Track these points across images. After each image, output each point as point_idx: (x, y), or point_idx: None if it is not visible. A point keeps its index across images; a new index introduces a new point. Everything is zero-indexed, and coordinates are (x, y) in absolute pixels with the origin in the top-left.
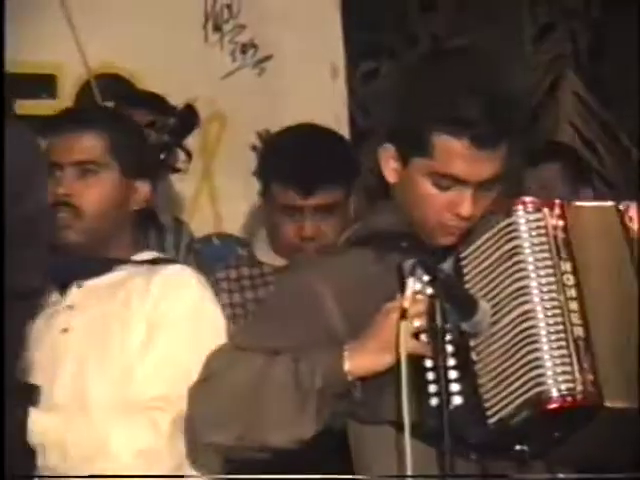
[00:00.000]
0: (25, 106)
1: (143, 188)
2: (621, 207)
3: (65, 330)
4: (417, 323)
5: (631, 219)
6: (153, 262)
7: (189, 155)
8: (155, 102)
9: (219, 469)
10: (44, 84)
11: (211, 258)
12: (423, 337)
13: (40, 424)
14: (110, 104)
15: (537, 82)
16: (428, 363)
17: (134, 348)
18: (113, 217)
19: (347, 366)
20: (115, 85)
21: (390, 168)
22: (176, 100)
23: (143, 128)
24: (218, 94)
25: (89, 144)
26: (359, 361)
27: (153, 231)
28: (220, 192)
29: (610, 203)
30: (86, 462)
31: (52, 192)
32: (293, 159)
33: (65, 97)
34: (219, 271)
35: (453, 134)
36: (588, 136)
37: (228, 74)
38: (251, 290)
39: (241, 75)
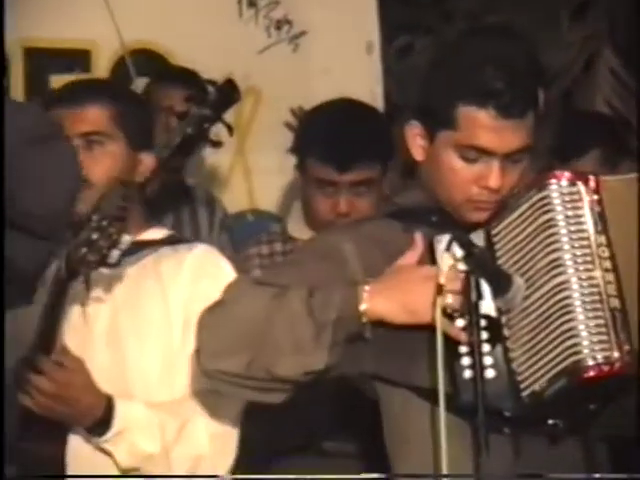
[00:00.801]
0: (60, 81)
1: (147, 160)
2: None
3: (95, 322)
4: (450, 300)
5: None
6: (172, 241)
7: (230, 129)
8: (189, 77)
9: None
10: (78, 60)
11: (245, 234)
12: (458, 321)
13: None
14: (144, 79)
15: (573, 60)
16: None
17: (176, 338)
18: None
19: (364, 305)
20: (149, 61)
21: (417, 145)
22: (211, 75)
23: (145, 98)
24: (253, 70)
25: (94, 115)
26: (377, 305)
27: (186, 207)
28: (254, 168)
29: (634, 175)
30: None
31: None
32: (331, 134)
33: (99, 73)
34: (251, 247)
35: (478, 104)
36: (625, 114)
37: (263, 50)
38: None
39: (276, 51)
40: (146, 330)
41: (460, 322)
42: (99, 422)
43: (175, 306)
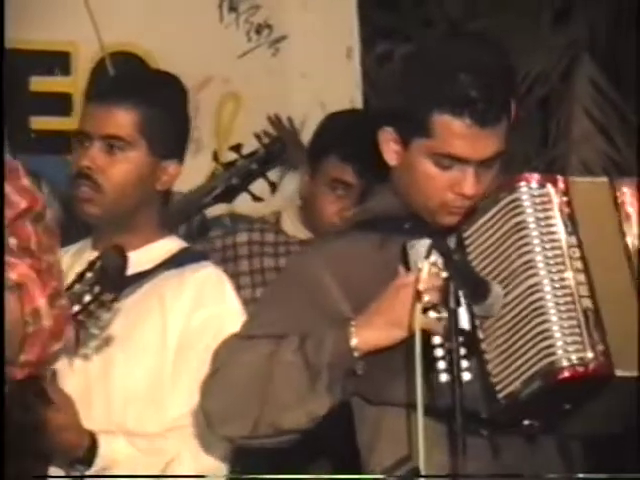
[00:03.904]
0: (39, 83)
1: (172, 168)
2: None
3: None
4: (427, 298)
5: (623, 194)
6: (181, 259)
7: (273, 186)
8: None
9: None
10: (58, 61)
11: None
12: (432, 313)
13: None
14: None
15: (552, 67)
16: (436, 340)
17: (168, 364)
18: (136, 196)
19: (354, 341)
20: (130, 63)
21: (391, 150)
22: (190, 80)
23: (179, 105)
24: (233, 74)
25: (120, 119)
26: (366, 336)
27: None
28: None
29: (603, 178)
30: None
31: (76, 163)
32: (356, 137)
33: (79, 75)
34: (242, 232)
35: (453, 113)
36: (602, 122)
37: (243, 54)
38: (272, 257)
39: (256, 55)
40: (140, 352)
41: (437, 339)
42: (81, 460)
43: (172, 332)
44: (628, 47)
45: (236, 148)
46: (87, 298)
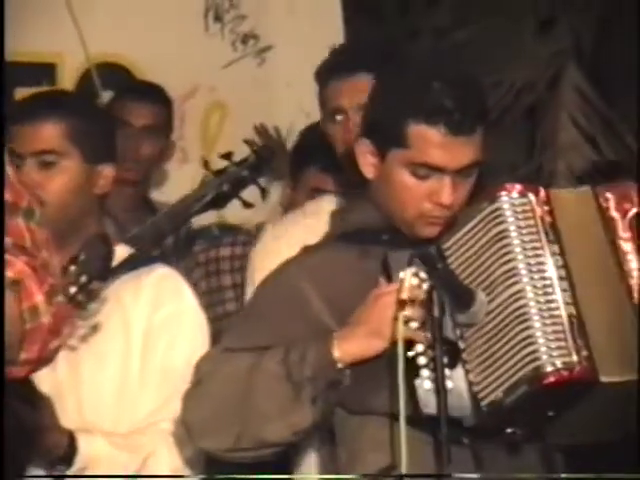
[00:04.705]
0: (25, 94)
1: (106, 172)
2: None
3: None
4: (408, 312)
5: (607, 200)
6: (133, 263)
7: (264, 192)
8: (154, 92)
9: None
10: (44, 73)
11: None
12: (413, 324)
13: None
14: (110, 93)
15: (538, 76)
16: (419, 348)
17: (135, 366)
18: (77, 204)
19: (336, 353)
20: (116, 75)
21: (368, 163)
22: (176, 90)
23: (103, 110)
24: (219, 84)
25: (48, 133)
26: (348, 347)
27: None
28: None
29: (586, 188)
30: None
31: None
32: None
33: (65, 86)
34: (225, 246)
35: (428, 122)
36: (589, 131)
37: (229, 64)
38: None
39: (242, 65)
40: (105, 357)
41: (420, 347)
42: (61, 459)
43: (135, 334)
44: (613, 55)
45: (227, 156)
46: (73, 290)
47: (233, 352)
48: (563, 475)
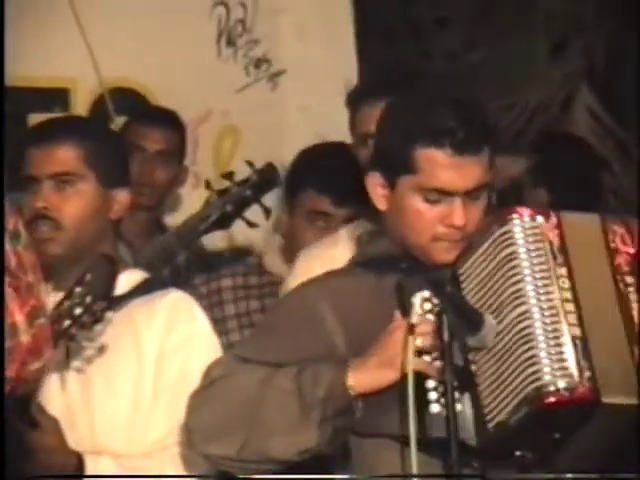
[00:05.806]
0: (38, 120)
1: (121, 197)
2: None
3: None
4: (419, 341)
5: (614, 232)
6: (145, 290)
7: (267, 211)
8: (167, 117)
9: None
10: (57, 98)
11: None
12: (426, 357)
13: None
14: (123, 118)
15: (551, 97)
16: (430, 384)
17: (147, 390)
18: (94, 228)
19: (350, 381)
20: (129, 99)
21: (379, 195)
22: (190, 114)
23: (118, 135)
24: (232, 108)
25: (64, 155)
26: (362, 377)
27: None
28: None
29: (595, 215)
30: None
31: (30, 207)
32: (330, 168)
33: (79, 111)
34: (226, 278)
35: (435, 145)
36: (602, 153)
37: (241, 88)
38: (257, 300)
39: (255, 89)
40: (117, 380)
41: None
42: None
43: (148, 357)
44: (625, 72)
45: (228, 175)
46: (78, 311)
47: (245, 362)
48: (569, 475)
